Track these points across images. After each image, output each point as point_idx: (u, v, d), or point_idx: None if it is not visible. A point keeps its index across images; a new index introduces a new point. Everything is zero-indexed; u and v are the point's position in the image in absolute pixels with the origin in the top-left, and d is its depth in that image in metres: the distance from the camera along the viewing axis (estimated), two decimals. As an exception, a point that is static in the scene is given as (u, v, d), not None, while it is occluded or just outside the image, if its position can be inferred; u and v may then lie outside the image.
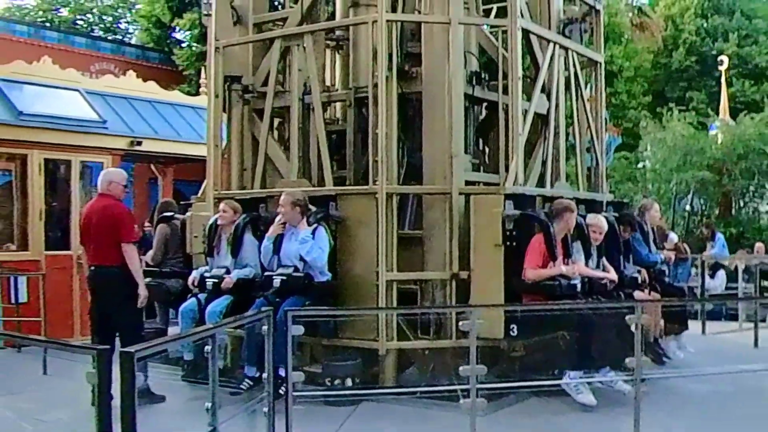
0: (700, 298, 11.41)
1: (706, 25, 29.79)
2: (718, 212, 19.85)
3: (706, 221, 16.67)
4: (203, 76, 12.42)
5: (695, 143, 19.09)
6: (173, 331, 7.87)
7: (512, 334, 6.17)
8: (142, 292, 6.38)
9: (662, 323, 7.55)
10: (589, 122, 8.24)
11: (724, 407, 6.07)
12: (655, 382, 6.04)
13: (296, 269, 6.39)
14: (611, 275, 6.76)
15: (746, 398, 5.78)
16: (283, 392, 4.54)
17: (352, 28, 7.90)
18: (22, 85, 10.01)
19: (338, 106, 8.54)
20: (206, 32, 8.53)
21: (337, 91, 8.56)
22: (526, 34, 7.30)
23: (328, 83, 8.59)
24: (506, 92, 7.10)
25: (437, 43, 7.10)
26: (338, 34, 8.43)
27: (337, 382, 6.35)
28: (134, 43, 26.75)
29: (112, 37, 28.05)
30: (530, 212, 6.56)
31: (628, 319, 4.96)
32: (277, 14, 8.69)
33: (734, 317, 11.07)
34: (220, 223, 6.98)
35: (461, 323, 4.76)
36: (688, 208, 19.98)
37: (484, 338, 5.21)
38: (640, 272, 7.34)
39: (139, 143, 10.52)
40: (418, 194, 7.34)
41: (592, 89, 8.58)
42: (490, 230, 6.45)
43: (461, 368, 4.48)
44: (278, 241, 6.55)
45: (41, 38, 21.00)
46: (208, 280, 6.78)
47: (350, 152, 7.86)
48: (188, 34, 22.80)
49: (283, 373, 4.62)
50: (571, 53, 7.87)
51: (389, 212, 6.67)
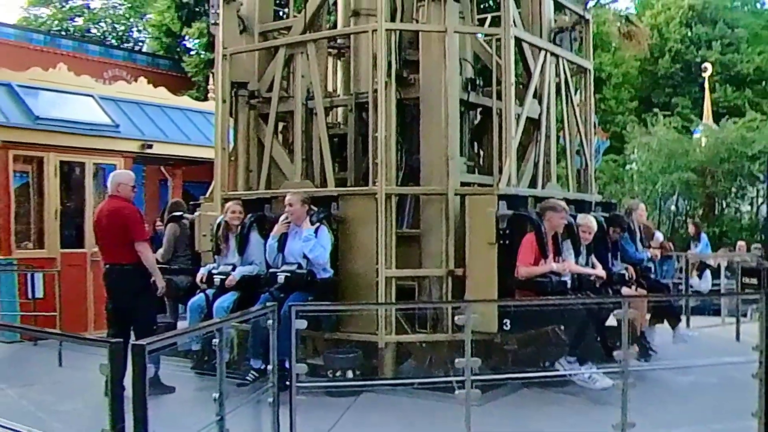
0: (684, 294, 11.43)
1: (690, 33, 29.83)
2: (701, 212, 19.87)
3: (693, 221, 16.67)
4: (211, 82, 12.41)
5: (680, 147, 19.12)
6: (182, 325, 7.87)
7: (505, 328, 6.16)
8: (159, 284, 6.43)
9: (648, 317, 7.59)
10: (578, 126, 8.24)
11: (707, 398, 6.06)
12: (641, 373, 6.05)
13: (300, 266, 6.39)
14: (600, 272, 6.76)
15: (728, 389, 5.77)
16: (287, 383, 4.54)
17: (353, 36, 7.91)
18: (38, 90, 10.01)
19: (340, 110, 8.54)
20: (214, 40, 8.51)
21: (338, 96, 8.57)
22: (518, 42, 7.31)
23: (330, 89, 8.60)
24: (500, 98, 7.10)
25: (434, 51, 7.10)
26: (340, 42, 8.44)
27: (338, 373, 6.36)
28: (145, 51, 26.78)
29: (124, 45, 28.07)
30: (522, 212, 6.56)
31: (615, 313, 4.96)
32: (281, 23, 8.69)
33: (717, 312, 11.06)
34: (231, 222, 6.98)
35: (457, 318, 4.76)
36: (673, 208, 20.02)
37: (478, 332, 5.20)
38: (627, 269, 7.33)
39: (150, 146, 10.51)
40: (415, 195, 7.34)
41: (581, 95, 8.58)
42: (484, 229, 6.46)
43: (457, 361, 4.48)
44: (282, 239, 6.56)
45: (57, 46, 20.99)
46: (215, 276, 6.77)
47: (351, 155, 7.86)
48: (197, 42, 22.81)
49: (287, 365, 4.62)
50: (561, 60, 7.87)
51: (388, 212, 6.67)
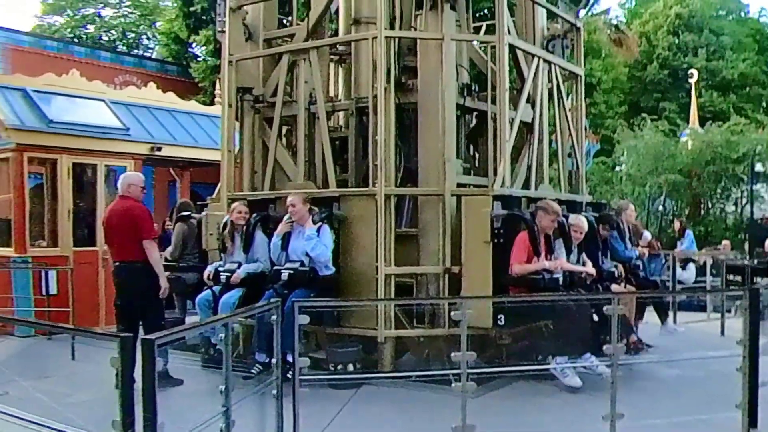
0: (671, 290, 11.42)
1: (677, 41, 29.87)
2: (688, 213, 19.87)
3: (679, 220, 16.67)
4: (218, 87, 12.41)
5: (667, 150, 19.12)
6: (191, 320, 7.86)
7: (500, 323, 6.16)
8: (163, 284, 6.38)
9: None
10: (570, 130, 8.23)
11: (693, 390, 6.06)
12: (630, 366, 6.05)
13: (302, 264, 6.39)
14: (590, 270, 6.76)
15: (713, 381, 5.77)
16: (290, 376, 4.54)
17: (353, 43, 7.90)
18: (52, 95, 9.99)
19: (341, 115, 8.53)
20: (220, 47, 8.50)
21: (340, 101, 8.55)
22: (512, 49, 7.30)
23: (331, 94, 8.59)
24: (494, 102, 7.10)
25: (431, 57, 7.09)
26: (341, 49, 8.43)
27: (339, 367, 6.35)
28: (155, 57, 26.76)
29: (134, 52, 28.07)
30: (516, 212, 6.55)
31: (605, 309, 4.96)
32: (285, 31, 8.68)
33: (703, 308, 11.06)
34: (236, 222, 6.97)
35: (453, 313, 4.75)
36: (660, 208, 20.00)
37: (474, 327, 5.20)
38: (616, 267, 7.34)
39: (159, 149, 10.50)
40: (413, 195, 7.34)
41: (573, 100, 8.57)
42: (479, 228, 6.45)
43: (453, 354, 4.47)
44: (286, 238, 6.56)
45: (70, 53, 20.99)
46: (221, 273, 6.77)
47: (352, 157, 7.85)
48: (204, 49, 22.82)
49: (290, 358, 4.61)
50: (553, 67, 7.86)
51: (387, 212, 6.66)
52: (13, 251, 9.34)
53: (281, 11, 9.13)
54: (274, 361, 4.44)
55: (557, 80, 7.93)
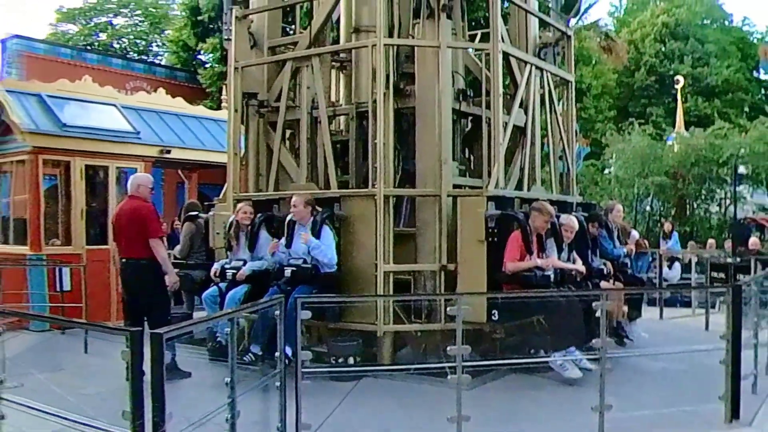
0: (658, 287, 11.43)
1: (664, 49, 29.91)
2: (674, 213, 19.89)
3: (669, 221, 16.70)
4: (224, 93, 12.42)
5: (653, 153, 19.14)
6: (198, 315, 7.86)
7: (494, 318, 6.16)
8: (172, 278, 6.41)
9: (625, 309, 7.58)
10: (561, 134, 8.23)
11: (679, 382, 6.08)
12: (617, 360, 6.04)
13: (305, 261, 6.39)
14: (580, 267, 6.76)
15: (698, 374, 5.78)
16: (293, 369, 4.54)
17: (354, 51, 7.90)
18: (66, 100, 9.97)
19: (342, 119, 8.52)
20: (227, 55, 8.50)
21: (341, 106, 8.54)
22: (506, 56, 7.30)
23: (333, 99, 8.58)
24: (489, 107, 7.09)
25: (429, 64, 7.09)
26: (342, 56, 8.42)
27: (340, 360, 6.34)
28: (164, 64, 26.76)
29: (144, 59, 28.05)
30: (509, 212, 6.55)
31: (594, 305, 4.96)
32: (288, 39, 8.68)
33: (688, 304, 11.08)
34: (242, 221, 6.97)
35: (449, 309, 4.75)
36: (647, 209, 20.03)
37: (469, 322, 5.20)
38: (605, 264, 7.34)
39: (168, 151, 10.49)
40: (411, 196, 7.33)
41: (564, 105, 8.56)
42: (474, 228, 6.46)
43: (449, 348, 4.47)
44: (289, 237, 6.56)
45: (82, 60, 21.01)
46: (227, 271, 6.77)
47: (352, 159, 7.85)
48: (211, 56, 22.83)
49: (287, 351, 4.61)
50: (545, 73, 7.87)
51: (386, 212, 6.66)
52: (28, 249, 9.34)
53: (285, 20, 9.15)
54: (277, 354, 4.44)
55: (549, 86, 7.93)
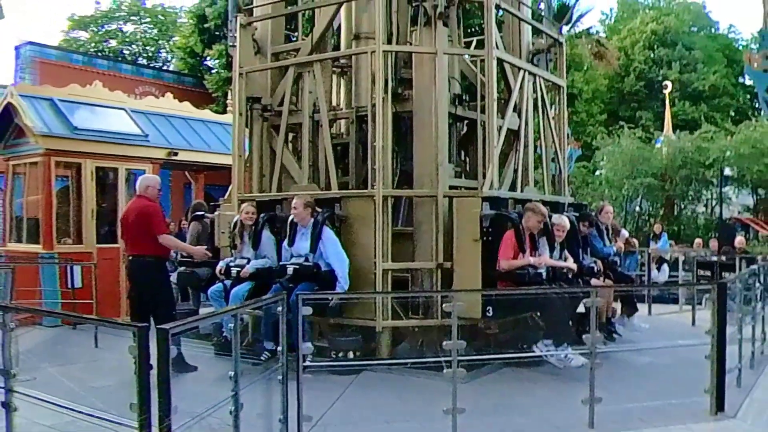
0: (646, 284, 11.44)
1: (653, 55, 29.92)
2: (662, 213, 19.91)
3: (659, 222, 16.73)
4: (229, 97, 12.39)
5: (642, 155, 19.15)
6: (204, 311, 7.85)
7: (488, 314, 6.15)
8: (198, 252, 6.98)
9: (617, 306, 7.59)
10: (553, 137, 8.23)
11: (666, 376, 6.07)
12: (607, 355, 6.05)
13: (306, 259, 6.39)
14: (571, 265, 6.75)
15: (685, 368, 5.77)
16: (295, 363, 4.53)
17: (354, 57, 7.89)
18: (77, 105, 9.99)
19: (342, 122, 8.53)
20: (232, 61, 8.50)
21: (341, 110, 8.55)
22: (500, 62, 7.29)
23: (334, 103, 8.58)
24: (484, 111, 7.09)
25: (426, 70, 7.09)
26: (342, 62, 8.43)
27: (341, 354, 6.36)
28: (172, 69, 26.77)
29: (153, 64, 28.06)
30: (503, 212, 6.55)
31: (585, 302, 4.96)
32: (291, 45, 8.67)
33: (675, 301, 11.08)
34: (246, 221, 6.96)
35: (445, 305, 4.75)
36: (637, 209, 20.05)
37: (464, 318, 5.20)
38: (596, 263, 7.32)
39: (175, 154, 10.50)
40: (409, 197, 7.32)
41: (556, 109, 8.56)
42: (469, 227, 6.46)
43: (445, 343, 4.47)
44: (292, 237, 6.56)
45: (93, 65, 21.01)
46: (232, 268, 6.75)
47: (352, 161, 7.85)
48: (217, 62, 22.83)
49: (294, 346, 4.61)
50: (538, 79, 7.86)
51: (385, 212, 6.66)
52: (41, 248, 9.37)
53: (288, 27, 9.14)
54: (280, 348, 4.44)
55: (542, 91, 7.93)
